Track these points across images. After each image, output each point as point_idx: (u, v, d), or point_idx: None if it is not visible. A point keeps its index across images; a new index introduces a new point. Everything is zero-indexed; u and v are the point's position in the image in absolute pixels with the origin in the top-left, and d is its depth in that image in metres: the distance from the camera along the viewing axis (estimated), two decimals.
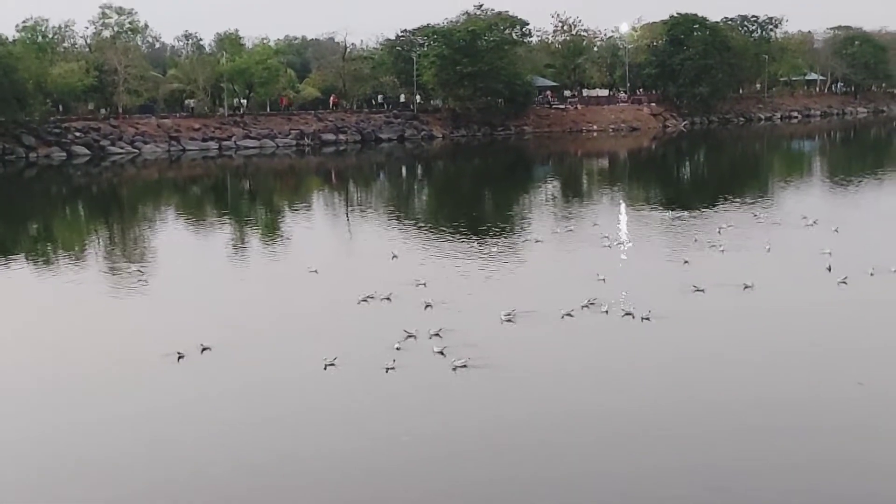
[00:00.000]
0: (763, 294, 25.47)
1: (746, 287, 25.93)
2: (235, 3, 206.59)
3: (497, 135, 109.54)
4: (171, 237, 41.95)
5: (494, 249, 33.90)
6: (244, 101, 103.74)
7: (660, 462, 15.09)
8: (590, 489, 14.46)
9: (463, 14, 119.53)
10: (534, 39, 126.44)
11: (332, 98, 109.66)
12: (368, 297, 25.54)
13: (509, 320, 23.07)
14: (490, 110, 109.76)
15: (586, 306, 23.91)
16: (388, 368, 19.50)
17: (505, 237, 37.46)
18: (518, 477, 14.73)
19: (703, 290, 25.74)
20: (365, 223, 45.10)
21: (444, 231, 39.44)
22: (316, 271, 29.69)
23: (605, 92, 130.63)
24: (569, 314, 23.46)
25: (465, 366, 19.48)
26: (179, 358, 20.69)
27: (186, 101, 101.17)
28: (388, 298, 25.50)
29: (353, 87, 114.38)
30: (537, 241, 35.55)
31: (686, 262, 30.19)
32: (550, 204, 51.32)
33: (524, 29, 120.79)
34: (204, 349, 21.10)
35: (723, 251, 32.05)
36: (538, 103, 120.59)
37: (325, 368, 19.67)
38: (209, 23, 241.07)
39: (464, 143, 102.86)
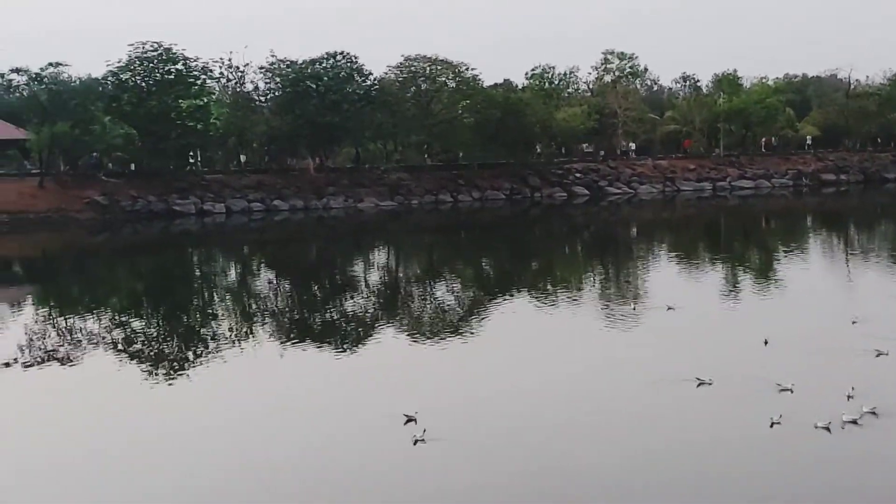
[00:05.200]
0: None
1: None
2: (734, 44, 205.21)
3: None
4: (665, 275, 42.32)
5: None
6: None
7: None
8: None
9: None
10: None
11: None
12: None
13: None
14: None
15: None
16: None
17: None
18: None
19: None
20: (879, 268, 42.45)
21: None
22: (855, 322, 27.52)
23: None
24: None
25: None
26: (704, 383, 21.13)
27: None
28: None
29: (856, 125, 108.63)
30: None
31: None
32: None
33: None
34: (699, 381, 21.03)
35: None
36: None
37: (770, 426, 18.54)
38: (707, 64, 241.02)
39: None
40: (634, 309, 31.44)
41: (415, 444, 18.00)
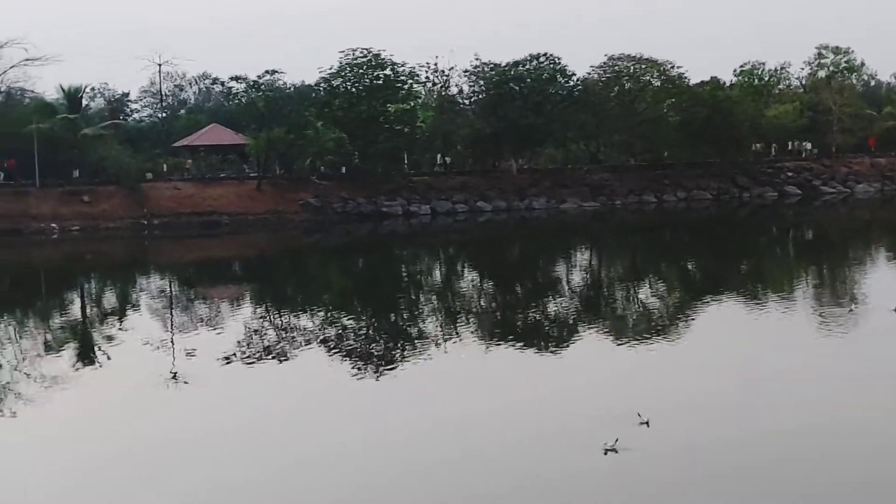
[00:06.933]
0: None
1: None
2: None
3: None
4: (889, 276, 40.33)
5: None
6: None
7: None
8: None
9: None
10: None
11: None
12: None
13: None
14: None
15: None
16: None
17: None
18: None
19: None
20: None
21: None
22: None
23: None
24: None
25: None
26: None
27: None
28: None
29: None
30: None
31: None
32: None
33: None
34: None
35: None
36: None
37: None
38: None
39: None
40: (852, 311, 30.15)
41: (605, 453, 17.36)
